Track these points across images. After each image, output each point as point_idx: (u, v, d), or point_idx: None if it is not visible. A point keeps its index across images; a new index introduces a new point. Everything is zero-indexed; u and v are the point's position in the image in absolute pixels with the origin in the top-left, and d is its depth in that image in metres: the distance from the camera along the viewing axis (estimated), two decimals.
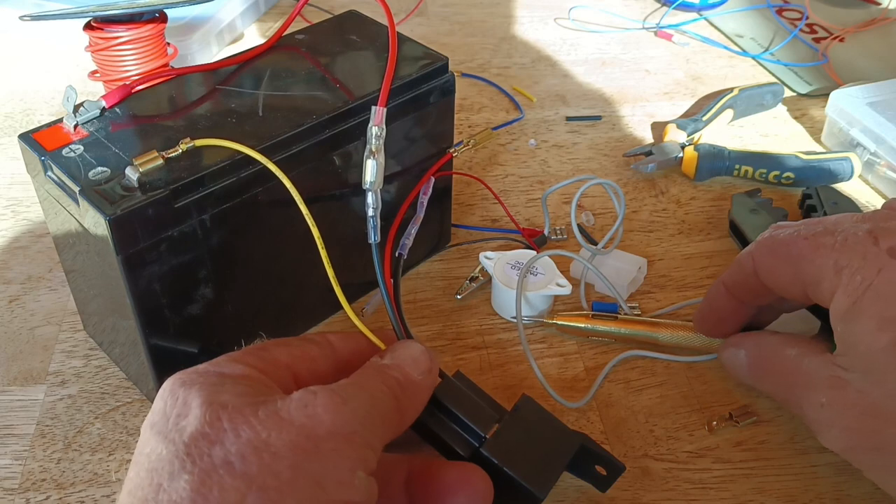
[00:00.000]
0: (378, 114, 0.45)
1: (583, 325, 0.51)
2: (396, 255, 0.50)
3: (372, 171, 0.44)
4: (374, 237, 0.44)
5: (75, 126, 0.44)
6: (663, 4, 0.93)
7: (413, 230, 0.51)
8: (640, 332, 0.51)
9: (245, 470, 0.30)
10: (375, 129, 0.44)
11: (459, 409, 0.39)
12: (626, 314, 0.52)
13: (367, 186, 0.44)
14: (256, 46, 0.51)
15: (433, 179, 0.53)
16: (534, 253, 0.55)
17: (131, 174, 0.40)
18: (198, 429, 0.31)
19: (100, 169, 0.41)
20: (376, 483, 0.32)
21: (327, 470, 0.31)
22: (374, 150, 0.44)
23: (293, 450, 0.31)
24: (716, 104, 0.71)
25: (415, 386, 0.37)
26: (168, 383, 0.34)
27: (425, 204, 0.52)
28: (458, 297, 0.55)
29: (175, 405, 0.32)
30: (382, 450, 0.34)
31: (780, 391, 0.43)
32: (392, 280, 0.46)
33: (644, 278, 0.57)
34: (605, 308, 0.52)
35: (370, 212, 0.44)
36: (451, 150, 0.54)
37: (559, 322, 0.52)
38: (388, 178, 0.49)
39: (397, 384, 0.36)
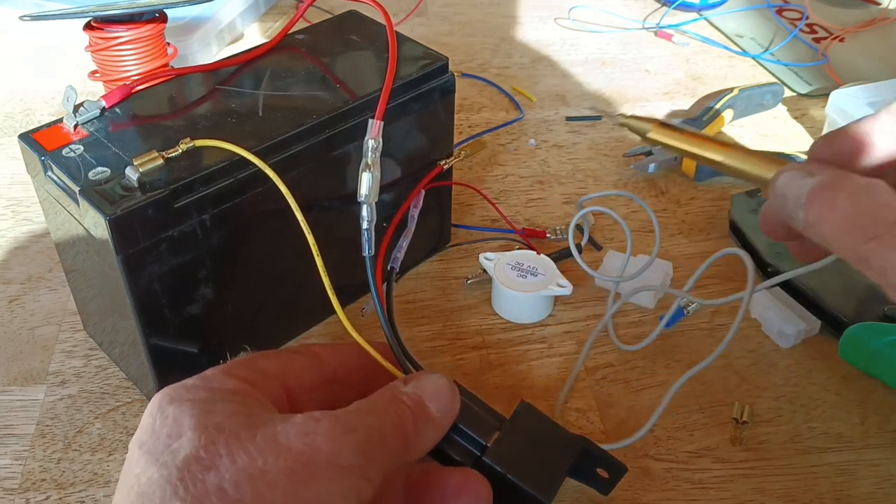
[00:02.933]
0: (375, 127, 0.44)
1: (652, 136, 0.39)
2: (388, 268, 0.50)
3: (367, 183, 0.43)
4: (367, 250, 0.43)
5: (75, 126, 0.44)
6: (663, 4, 0.93)
7: (405, 243, 0.51)
8: (704, 153, 0.37)
9: (238, 497, 0.29)
10: (372, 143, 0.44)
11: (458, 418, 0.39)
12: (697, 132, 0.39)
13: (363, 199, 0.43)
14: (257, 47, 0.51)
15: (423, 192, 0.53)
16: (533, 253, 0.55)
17: (131, 174, 0.40)
18: (191, 453, 0.30)
19: (100, 169, 0.41)
20: None
21: (321, 499, 0.30)
22: (370, 163, 0.44)
23: (289, 477, 0.30)
24: (716, 104, 0.71)
25: (429, 421, 0.36)
26: (156, 399, 0.33)
27: (416, 217, 0.52)
28: (468, 282, 0.55)
29: (165, 424, 0.31)
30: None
31: (857, 231, 0.31)
32: (385, 293, 0.46)
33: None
34: None
35: (364, 224, 0.43)
36: (442, 163, 0.54)
37: (629, 122, 0.40)
38: (389, 179, 0.49)
39: (410, 416, 0.35)
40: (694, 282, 0.49)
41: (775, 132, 0.73)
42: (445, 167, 0.54)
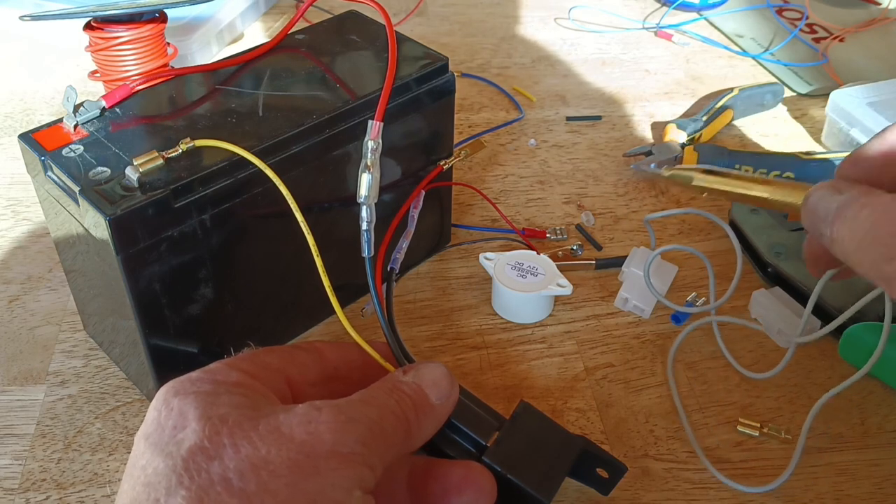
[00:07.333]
0: (374, 128, 0.44)
1: (695, 181, 0.42)
2: (388, 269, 0.50)
3: (367, 184, 0.43)
4: (367, 251, 0.43)
5: (75, 126, 0.44)
6: (663, 4, 0.93)
7: (404, 244, 0.51)
8: (748, 192, 0.40)
9: (243, 487, 0.29)
10: (371, 143, 0.44)
11: (457, 417, 0.39)
12: (738, 173, 0.42)
13: (362, 200, 0.43)
14: (257, 47, 0.51)
15: (423, 193, 0.53)
16: (533, 253, 0.55)
17: (131, 174, 0.40)
18: (196, 443, 0.30)
19: (100, 169, 0.41)
20: (373, 499, 0.32)
21: (324, 489, 0.30)
22: (369, 164, 0.43)
23: (291, 468, 0.30)
24: (716, 104, 0.71)
25: (429, 409, 0.36)
26: (161, 392, 0.33)
27: (416, 217, 0.52)
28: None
29: (170, 416, 0.32)
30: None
31: (879, 249, 0.30)
32: (385, 293, 0.46)
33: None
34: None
35: (364, 225, 0.43)
36: (442, 163, 0.54)
37: (673, 173, 0.43)
38: (389, 179, 0.49)
39: (411, 405, 0.36)
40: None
41: (775, 132, 0.73)
42: (445, 167, 0.54)
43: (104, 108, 0.45)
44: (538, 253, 0.55)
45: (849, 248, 0.31)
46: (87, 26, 0.59)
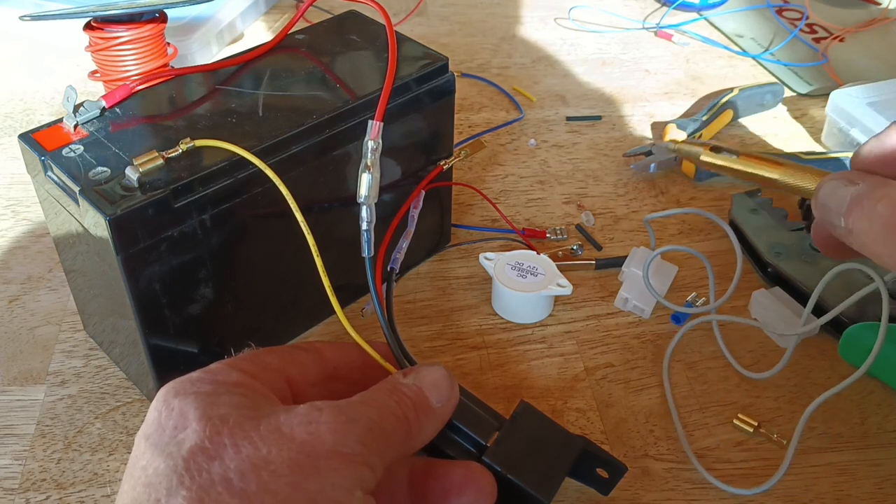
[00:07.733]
0: (374, 128, 0.44)
1: (705, 159, 0.42)
2: (388, 269, 0.50)
3: (367, 184, 0.43)
4: (367, 251, 0.43)
5: (75, 126, 0.44)
6: (663, 4, 0.93)
7: (405, 244, 0.51)
8: (758, 172, 0.40)
9: (243, 487, 0.30)
10: (371, 143, 0.44)
11: (457, 417, 0.39)
12: (749, 151, 0.42)
13: (362, 200, 0.43)
14: (257, 47, 0.51)
15: (423, 193, 0.53)
16: (533, 253, 0.55)
17: (131, 174, 0.40)
18: (197, 443, 0.30)
19: (100, 169, 0.41)
20: (374, 499, 0.32)
21: (325, 489, 0.30)
22: (369, 164, 0.43)
23: (292, 468, 0.30)
24: (716, 104, 0.71)
25: (429, 411, 0.37)
26: (162, 393, 0.33)
27: (416, 217, 0.52)
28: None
29: (171, 416, 0.32)
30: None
31: None
32: (385, 293, 0.46)
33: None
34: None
35: (364, 225, 0.43)
36: (442, 163, 0.54)
37: (681, 147, 0.44)
38: (389, 179, 0.49)
39: (411, 406, 0.36)
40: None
41: (775, 132, 0.73)
42: (445, 167, 0.54)
43: (104, 108, 0.45)
44: (538, 253, 0.55)
45: (866, 239, 0.32)
46: (87, 26, 0.59)
